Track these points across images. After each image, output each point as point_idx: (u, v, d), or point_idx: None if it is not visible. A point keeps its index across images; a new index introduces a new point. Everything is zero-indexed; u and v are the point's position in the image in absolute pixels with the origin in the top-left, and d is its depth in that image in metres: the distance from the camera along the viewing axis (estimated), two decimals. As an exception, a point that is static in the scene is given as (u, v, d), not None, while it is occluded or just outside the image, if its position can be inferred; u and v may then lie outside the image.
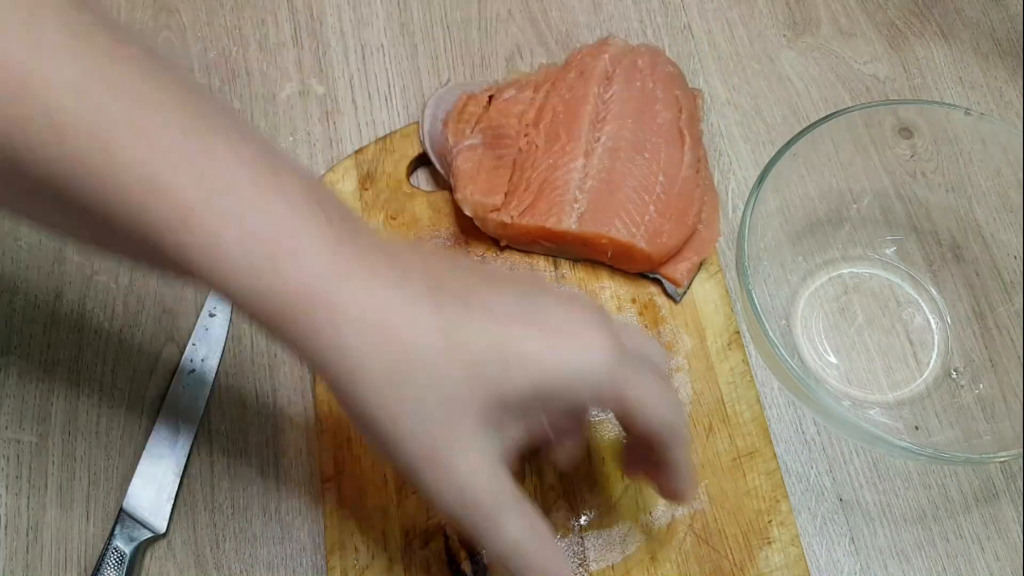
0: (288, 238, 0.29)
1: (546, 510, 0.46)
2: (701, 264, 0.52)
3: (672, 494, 0.39)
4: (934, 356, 0.52)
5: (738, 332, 0.51)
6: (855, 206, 0.54)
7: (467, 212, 0.51)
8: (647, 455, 0.38)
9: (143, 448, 0.48)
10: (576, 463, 0.45)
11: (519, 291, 0.33)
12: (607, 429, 0.48)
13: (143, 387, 0.50)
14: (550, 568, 0.34)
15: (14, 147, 0.27)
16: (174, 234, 0.28)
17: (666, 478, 0.38)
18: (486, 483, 0.32)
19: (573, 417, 0.40)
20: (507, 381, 0.31)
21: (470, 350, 0.31)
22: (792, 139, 0.48)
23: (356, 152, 0.55)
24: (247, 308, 0.30)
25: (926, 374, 0.51)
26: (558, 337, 0.32)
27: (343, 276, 0.29)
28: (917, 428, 0.50)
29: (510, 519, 0.33)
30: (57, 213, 0.31)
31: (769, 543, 0.46)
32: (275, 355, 0.51)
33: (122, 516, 0.46)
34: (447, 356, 0.30)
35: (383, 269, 0.30)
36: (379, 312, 0.30)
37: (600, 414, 0.48)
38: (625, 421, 0.36)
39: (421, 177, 0.56)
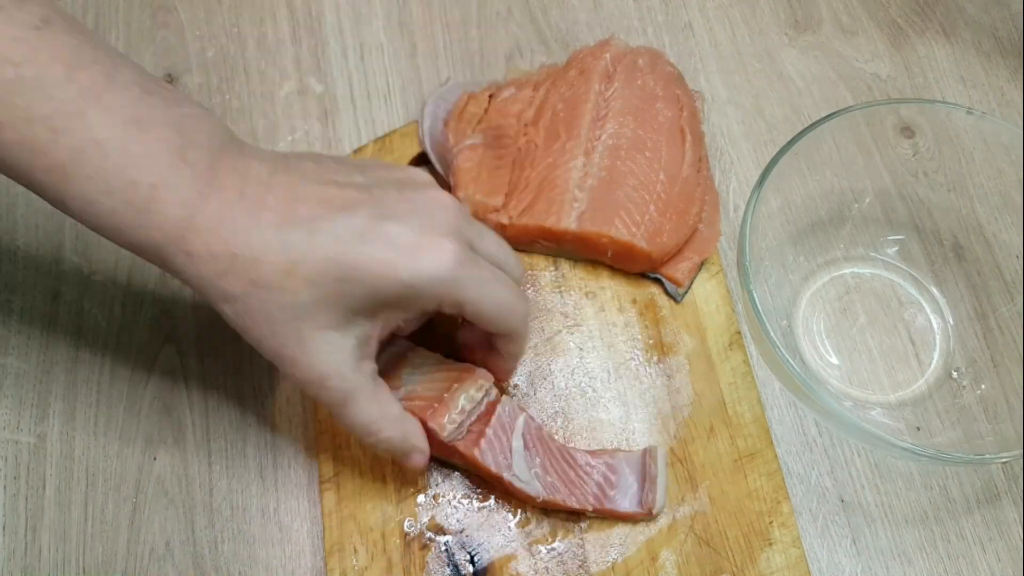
0: (150, 191, 0.35)
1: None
2: (702, 264, 0.52)
3: (496, 374, 0.45)
4: (936, 356, 0.52)
5: (739, 332, 0.50)
6: (857, 206, 0.54)
7: (467, 212, 0.51)
8: (483, 340, 0.44)
9: (142, 448, 0.48)
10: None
11: (375, 212, 0.38)
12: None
13: (141, 388, 0.50)
14: (396, 447, 0.42)
15: None
16: (54, 190, 0.35)
17: (493, 362, 0.45)
18: (336, 373, 0.39)
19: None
20: (347, 293, 0.37)
21: (311, 269, 0.37)
22: (793, 138, 0.48)
23: (355, 151, 0.55)
24: (121, 243, 0.37)
25: (928, 374, 0.51)
26: (398, 252, 0.38)
27: (197, 219, 0.36)
28: (919, 429, 0.49)
29: (359, 402, 0.40)
30: None
31: (770, 544, 0.45)
32: (274, 355, 0.51)
33: (120, 517, 0.46)
34: (290, 275, 0.37)
35: (235, 204, 0.37)
36: (227, 245, 0.36)
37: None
38: (469, 319, 0.41)
39: (420, 177, 0.56)
